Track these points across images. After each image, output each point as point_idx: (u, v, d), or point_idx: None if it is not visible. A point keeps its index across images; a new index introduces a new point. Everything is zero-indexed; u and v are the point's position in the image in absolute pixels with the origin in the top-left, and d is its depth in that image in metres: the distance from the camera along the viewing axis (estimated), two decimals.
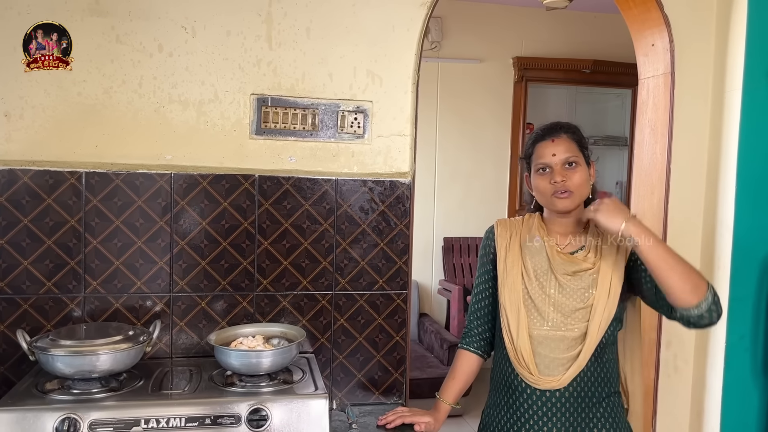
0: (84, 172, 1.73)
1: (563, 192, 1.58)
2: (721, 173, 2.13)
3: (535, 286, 1.59)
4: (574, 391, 1.58)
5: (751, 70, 2.03)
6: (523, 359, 1.58)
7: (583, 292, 1.57)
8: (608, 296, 1.57)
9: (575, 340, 1.57)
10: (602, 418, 1.60)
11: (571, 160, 1.59)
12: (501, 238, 1.68)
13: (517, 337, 1.58)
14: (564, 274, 1.58)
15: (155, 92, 1.76)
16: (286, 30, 1.82)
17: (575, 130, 1.66)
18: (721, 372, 2.12)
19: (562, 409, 1.57)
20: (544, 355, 1.57)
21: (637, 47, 2.30)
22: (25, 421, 1.38)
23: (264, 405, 1.48)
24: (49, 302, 1.73)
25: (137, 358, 1.57)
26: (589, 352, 1.57)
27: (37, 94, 1.70)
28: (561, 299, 1.57)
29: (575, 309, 1.57)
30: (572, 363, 1.57)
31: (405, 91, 1.91)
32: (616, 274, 1.58)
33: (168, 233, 1.79)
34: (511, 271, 1.63)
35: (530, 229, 1.67)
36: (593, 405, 1.59)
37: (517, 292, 1.60)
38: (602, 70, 5.02)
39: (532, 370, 1.57)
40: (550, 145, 1.61)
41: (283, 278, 1.86)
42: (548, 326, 1.58)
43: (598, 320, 1.57)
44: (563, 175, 1.58)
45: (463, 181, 5.04)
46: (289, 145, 1.85)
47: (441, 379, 4.49)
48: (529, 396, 1.58)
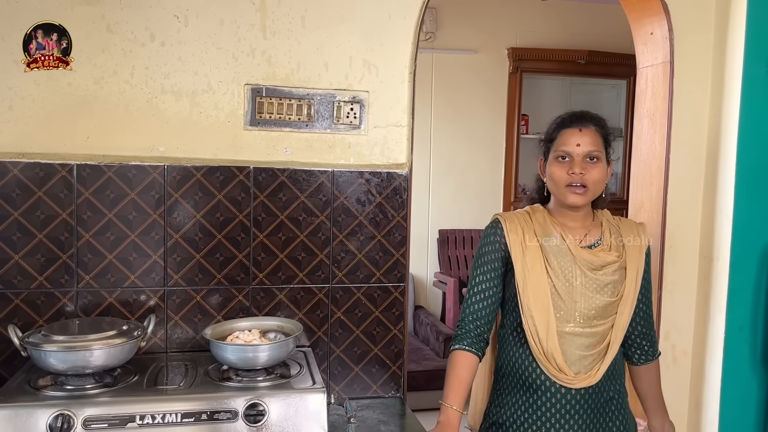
0: (75, 164, 1.70)
1: (579, 186, 1.53)
2: (721, 163, 2.12)
3: (563, 283, 1.54)
4: (600, 387, 1.56)
5: (751, 58, 2.02)
6: (555, 361, 1.53)
7: (613, 285, 1.56)
8: (635, 288, 1.57)
9: (601, 336, 1.56)
10: (616, 411, 1.60)
11: (594, 155, 1.54)
12: (513, 234, 1.59)
13: (546, 338, 1.52)
14: (592, 270, 1.55)
15: (147, 83, 1.73)
16: (280, 19, 1.79)
17: (604, 124, 1.60)
18: (720, 363, 2.11)
19: (585, 406, 1.55)
20: (572, 352, 1.54)
21: (636, 36, 2.28)
22: (18, 418, 1.35)
23: (261, 400, 1.46)
24: (41, 297, 1.70)
25: (131, 353, 1.54)
26: (619, 343, 1.56)
27: (27, 85, 1.66)
28: (591, 295, 1.54)
29: (607, 303, 1.55)
30: (600, 358, 1.55)
31: (402, 80, 1.88)
32: (640, 269, 1.60)
33: (162, 226, 1.76)
34: (534, 269, 1.55)
35: (542, 224, 1.61)
36: (608, 401, 1.58)
37: (545, 292, 1.54)
38: (597, 61, 5.00)
39: (566, 371, 1.53)
40: (577, 134, 1.55)
41: (279, 271, 1.83)
42: (575, 323, 1.54)
43: (628, 312, 1.57)
44: (583, 168, 1.53)
45: (458, 173, 5.02)
46: (285, 136, 1.82)
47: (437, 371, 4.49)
48: (553, 395, 1.55)
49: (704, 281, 2.20)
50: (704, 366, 2.20)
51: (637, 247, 1.61)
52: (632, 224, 1.66)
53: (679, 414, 2.29)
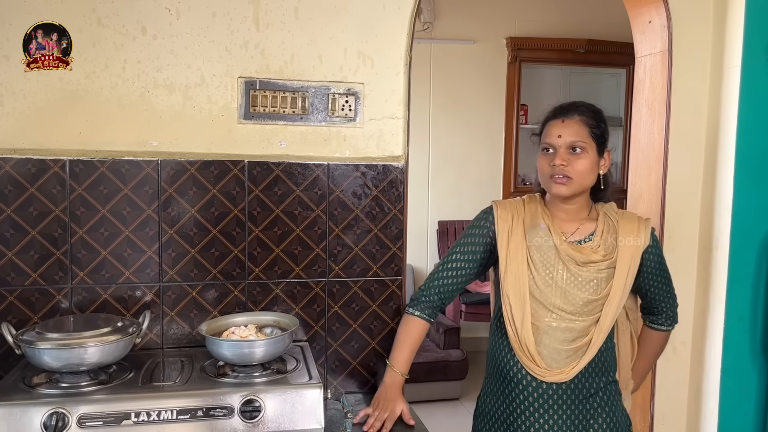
0: (68, 159, 1.68)
1: (561, 176, 1.52)
2: (720, 152, 2.10)
3: (543, 276, 1.53)
4: (577, 383, 1.55)
5: (750, 46, 2.00)
6: (528, 351, 1.53)
7: (596, 283, 1.53)
8: (623, 290, 1.55)
9: (582, 331, 1.54)
10: (599, 408, 1.57)
11: (577, 146, 1.52)
12: (502, 221, 1.59)
13: (522, 328, 1.53)
14: (575, 264, 1.53)
15: (140, 76, 1.71)
16: (273, 10, 1.77)
17: (593, 114, 1.56)
18: (719, 353, 2.10)
19: (560, 401, 1.54)
20: (548, 344, 1.53)
21: (634, 25, 2.25)
22: (12, 416, 1.35)
23: (257, 396, 1.45)
24: (35, 294, 1.69)
25: (127, 349, 1.53)
26: (599, 345, 1.54)
27: (17, 80, 1.65)
28: (571, 290, 1.52)
29: (588, 301, 1.53)
30: (578, 354, 1.54)
31: (397, 72, 1.86)
32: (632, 270, 1.56)
33: (156, 222, 1.74)
34: (515, 258, 1.56)
35: (533, 214, 1.60)
36: (591, 395, 1.57)
37: (523, 282, 1.54)
38: (596, 50, 4.97)
39: (538, 362, 1.53)
40: (559, 125, 1.54)
41: (275, 266, 1.82)
42: (554, 317, 1.53)
43: (612, 315, 1.54)
44: (565, 160, 1.51)
45: (457, 164, 5.00)
46: (279, 129, 1.80)
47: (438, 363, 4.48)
48: (525, 387, 1.55)
49: (703, 271, 2.19)
50: (704, 356, 2.20)
51: (633, 247, 1.56)
52: (633, 221, 1.61)
53: (678, 404, 2.29)
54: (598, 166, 1.56)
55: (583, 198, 1.59)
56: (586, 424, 1.56)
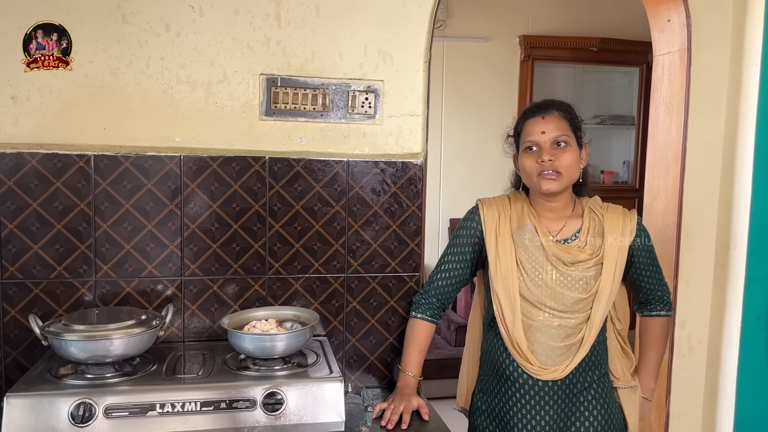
0: (92, 155, 1.70)
1: (550, 172, 1.53)
2: (738, 151, 2.10)
3: (533, 277, 1.55)
4: (572, 378, 1.56)
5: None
6: (520, 349, 1.55)
7: (585, 282, 1.54)
8: (611, 286, 1.55)
9: (575, 328, 1.55)
10: (593, 401, 1.59)
11: (561, 140, 1.54)
12: (489, 220, 1.61)
13: (513, 327, 1.55)
14: (562, 264, 1.54)
15: (163, 73, 1.73)
16: (295, 8, 1.78)
17: (567, 108, 1.59)
18: (736, 352, 2.10)
19: (555, 397, 1.55)
20: (541, 342, 1.54)
21: (652, 23, 2.25)
22: (40, 406, 1.37)
23: (279, 389, 1.47)
24: (60, 287, 1.72)
25: (150, 342, 1.56)
26: (592, 341, 1.55)
27: (44, 76, 1.67)
28: (561, 289, 1.54)
29: (577, 300, 1.54)
30: (572, 351, 1.55)
31: (416, 69, 1.87)
32: (619, 265, 1.57)
33: (178, 216, 1.77)
34: (504, 259, 1.57)
35: (519, 214, 1.61)
36: (584, 389, 1.58)
37: (513, 282, 1.55)
38: (609, 48, 4.95)
39: (531, 360, 1.54)
40: (540, 122, 1.56)
41: (294, 261, 1.84)
42: (545, 315, 1.54)
43: (603, 311, 1.55)
44: (552, 155, 1.53)
45: (469, 162, 5.00)
46: (300, 126, 1.82)
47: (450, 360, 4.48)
48: (521, 385, 1.56)
49: (721, 270, 2.19)
50: (720, 355, 2.20)
51: (618, 247, 1.57)
52: (618, 214, 1.61)
53: (694, 402, 2.29)
54: (580, 159, 1.58)
55: (567, 194, 1.60)
56: (580, 416, 1.57)
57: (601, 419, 1.59)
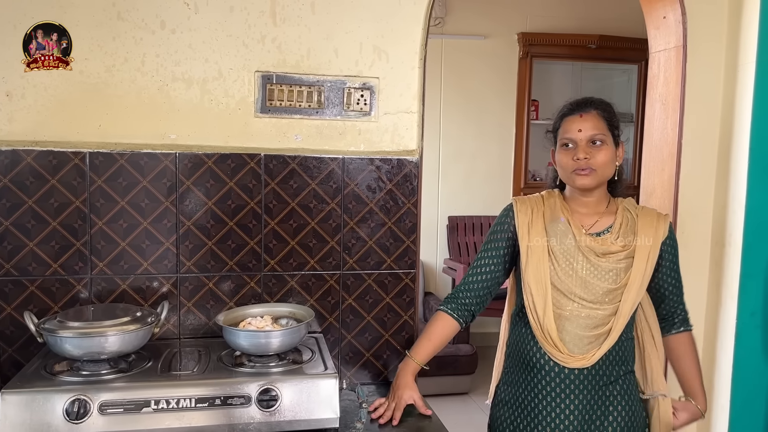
0: (88, 152, 1.71)
1: (584, 169, 1.56)
2: (734, 148, 2.10)
3: (564, 266, 1.57)
4: (598, 369, 1.58)
5: (765, 42, 1.99)
6: (550, 337, 1.57)
7: (616, 273, 1.57)
8: (642, 279, 1.57)
9: (603, 319, 1.57)
10: (618, 396, 1.60)
11: (597, 138, 1.56)
12: (522, 215, 1.64)
13: (543, 316, 1.57)
14: (594, 255, 1.57)
15: (158, 70, 1.73)
16: (290, 5, 1.78)
17: (606, 107, 1.62)
18: (731, 349, 2.11)
19: (581, 386, 1.57)
20: (570, 331, 1.57)
21: (648, 20, 2.25)
22: (35, 403, 1.38)
23: (274, 385, 1.47)
24: (55, 284, 1.72)
25: (145, 339, 1.56)
26: (619, 331, 1.57)
27: (39, 73, 1.67)
28: (591, 280, 1.56)
29: (607, 290, 1.56)
30: (599, 341, 1.57)
31: (412, 66, 1.87)
32: (651, 259, 1.59)
33: (174, 213, 1.77)
34: (536, 249, 1.60)
35: (552, 208, 1.64)
36: (611, 383, 1.59)
37: (544, 272, 1.58)
38: (608, 46, 4.95)
39: (561, 348, 1.56)
40: (578, 120, 1.58)
41: (290, 258, 1.84)
42: (575, 305, 1.56)
43: (632, 301, 1.57)
44: (587, 153, 1.55)
45: (468, 160, 5.00)
46: (295, 123, 1.82)
47: (446, 357, 4.48)
48: (548, 373, 1.58)
49: (716, 267, 2.19)
50: (715, 352, 2.20)
51: (650, 246, 1.59)
52: (653, 216, 1.63)
53: None
54: (616, 158, 1.60)
55: (602, 190, 1.63)
56: (605, 410, 1.58)
57: (625, 415, 1.60)
